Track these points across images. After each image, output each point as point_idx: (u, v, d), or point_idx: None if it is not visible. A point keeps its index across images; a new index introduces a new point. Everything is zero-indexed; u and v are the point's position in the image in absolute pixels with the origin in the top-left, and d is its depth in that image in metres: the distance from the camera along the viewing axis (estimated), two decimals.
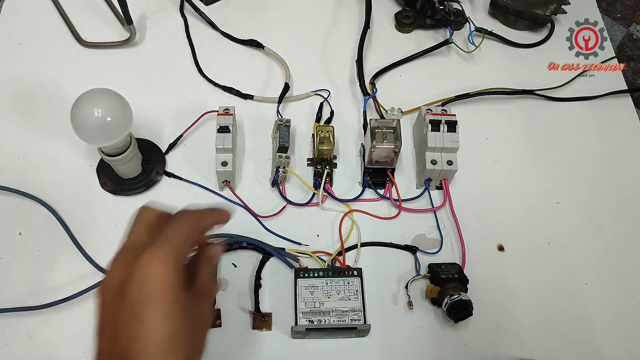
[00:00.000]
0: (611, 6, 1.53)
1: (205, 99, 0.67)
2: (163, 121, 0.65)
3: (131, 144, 0.56)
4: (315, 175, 0.62)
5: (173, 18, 0.75)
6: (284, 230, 0.59)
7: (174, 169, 0.62)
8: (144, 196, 0.60)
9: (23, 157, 0.62)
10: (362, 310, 0.53)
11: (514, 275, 0.58)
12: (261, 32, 0.73)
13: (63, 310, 0.52)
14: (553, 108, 0.71)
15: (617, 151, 0.68)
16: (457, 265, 0.57)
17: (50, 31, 0.72)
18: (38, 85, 0.67)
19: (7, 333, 0.52)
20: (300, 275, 0.54)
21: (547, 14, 0.75)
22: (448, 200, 0.61)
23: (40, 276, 0.55)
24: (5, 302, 0.53)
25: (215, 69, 0.70)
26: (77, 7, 0.74)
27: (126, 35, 0.71)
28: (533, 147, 0.67)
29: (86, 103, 0.51)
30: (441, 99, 0.68)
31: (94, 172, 0.61)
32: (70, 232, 0.57)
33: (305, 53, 0.73)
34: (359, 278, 0.54)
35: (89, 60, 0.70)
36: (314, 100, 0.69)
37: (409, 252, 0.59)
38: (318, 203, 0.61)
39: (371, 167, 0.61)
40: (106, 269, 0.34)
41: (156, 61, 0.71)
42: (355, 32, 0.75)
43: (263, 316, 0.54)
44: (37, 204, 0.58)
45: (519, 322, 0.56)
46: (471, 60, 0.74)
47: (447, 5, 0.74)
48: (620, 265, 0.59)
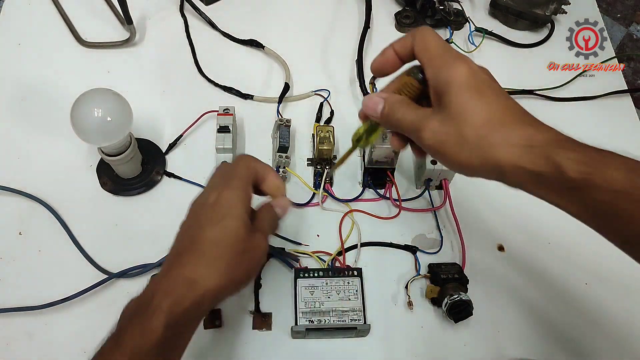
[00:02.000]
0: (611, 6, 1.53)
1: (205, 99, 0.67)
2: (163, 121, 0.65)
3: (131, 144, 0.56)
4: (315, 175, 0.62)
5: (173, 18, 0.75)
6: (284, 230, 0.59)
7: (174, 169, 0.62)
8: (144, 196, 0.60)
9: (23, 157, 0.62)
10: (362, 310, 0.53)
11: (514, 275, 0.58)
12: (261, 31, 0.73)
13: (63, 310, 0.52)
14: (553, 108, 0.71)
15: (617, 151, 0.68)
16: (457, 265, 0.57)
17: (50, 31, 0.72)
18: (38, 85, 0.67)
19: (7, 333, 0.52)
20: (300, 275, 0.54)
21: (547, 14, 0.75)
22: (448, 200, 0.61)
23: (40, 276, 0.55)
24: (5, 302, 0.53)
25: (215, 69, 0.70)
26: (77, 7, 0.74)
27: (126, 35, 0.71)
28: None
29: (86, 103, 0.51)
30: None
31: (94, 172, 0.61)
32: (70, 232, 0.57)
33: (306, 53, 0.73)
34: (359, 278, 0.54)
35: (89, 60, 0.70)
36: (314, 100, 0.69)
37: (409, 252, 0.59)
38: (318, 203, 0.61)
39: (371, 167, 0.61)
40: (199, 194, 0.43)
41: (156, 61, 0.71)
42: (356, 32, 0.75)
43: (263, 316, 0.54)
44: (37, 204, 0.58)
45: (519, 322, 0.56)
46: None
47: (447, 5, 0.74)
48: (620, 265, 0.59)
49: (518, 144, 0.33)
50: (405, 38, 0.39)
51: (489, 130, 0.34)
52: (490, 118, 0.34)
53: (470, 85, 0.35)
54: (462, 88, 0.35)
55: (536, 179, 0.33)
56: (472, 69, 0.36)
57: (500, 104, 0.35)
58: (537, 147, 0.33)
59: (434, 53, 0.37)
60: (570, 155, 0.32)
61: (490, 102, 0.35)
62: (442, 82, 0.36)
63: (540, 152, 0.33)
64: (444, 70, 0.36)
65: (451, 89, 0.35)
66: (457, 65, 0.36)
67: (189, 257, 0.39)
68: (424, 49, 0.38)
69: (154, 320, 0.35)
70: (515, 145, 0.33)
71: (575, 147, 0.33)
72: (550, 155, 0.32)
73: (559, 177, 0.32)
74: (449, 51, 0.37)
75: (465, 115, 0.35)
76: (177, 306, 0.36)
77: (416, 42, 0.38)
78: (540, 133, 0.34)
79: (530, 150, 0.33)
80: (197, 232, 0.40)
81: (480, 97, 0.35)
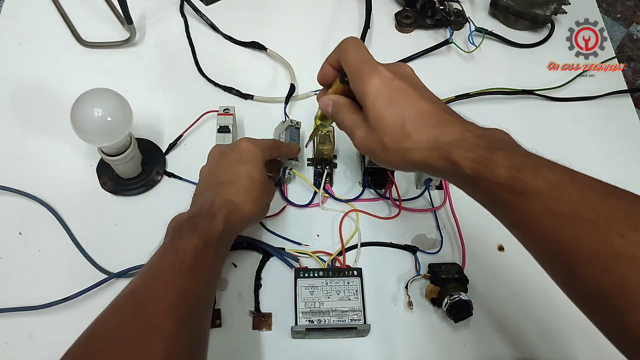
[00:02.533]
0: (611, 6, 1.53)
1: (205, 99, 0.67)
2: (163, 121, 0.66)
3: (131, 143, 0.56)
4: (315, 175, 0.62)
5: (173, 18, 0.75)
6: (284, 230, 0.59)
7: (174, 168, 0.62)
8: (144, 196, 0.60)
9: (23, 157, 0.62)
10: (362, 310, 0.53)
11: (514, 275, 0.58)
12: (261, 32, 0.73)
13: (63, 310, 0.52)
14: (553, 108, 0.71)
15: (617, 151, 0.68)
16: (457, 265, 0.57)
17: (51, 31, 0.72)
18: (38, 85, 0.67)
19: (7, 333, 0.52)
20: (300, 275, 0.54)
21: (547, 14, 0.75)
22: (448, 200, 0.61)
23: (40, 276, 0.55)
24: (5, 302, 0.53)
25: (215, 68, 0.70)
26: (77, 7, 0.74)
27: (126, 35, 0.71)
28: (533, 147, 0.66)
29: (86, 103, 0.51)
30: (441, 99, 0.68)
31: (94, 172, 0.61)
32: (70, 232, 0.57)
33: (306, 53, 0.73)
34: (359, 278, 0.54)
35: (89, 60, 0.70)
36: (314, 100, 0.69)
37: (409, 252, 0.59)
38: (318, 203, 0.61)
39: (371, 167, 0.61)
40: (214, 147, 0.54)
41: (156, 61, 0.71)
42: (356, 32, 0.75)
43: (263, 316, 0.54)
44: (37, 204, 0.58)
45: (519, 322, 0.56)
46: (471, 60, 0.74)
47: (447, 5, 0.74)
48: None
49: (426, 148, 0.39)
50: (334, 51, 0.45)
51: (402, 137, 0.39)
52: (403, 125, 0.39)
53: (382, 96, 0.40)
54: (376, 99, 0.40)
55: (444, 174, 0.40)
56: (385, 79, 0.40)
57: (412, 109, 0.40)
58: (441, 148, 0.39)
59: (352, 66, 0.42)
60: (466, 155, 0.38)
61: (402, 109, 0.40)
62: (360, 94, 0.41)
63: (442, 153, 0.38)
64: (359, 84, 0.41)
65: (367, 101, 0.41)
66: (370, 77, 0.40)
67: (231, 186, 0.48)
68: (345, 62, 0.43)
69: (218, 218, 0.45)
70: (424, 149, 0.39)
71: (472, 147, 0.38)
72: (449, 156, 0.38)
73: (458, 173, 0.38)
74: (366, 62, 0.41)
75: (382, 125, 0.40)
76: (230, 217, 0.46)
77: (340, 55, 0.43)
78: (445, 135, 0.39)
79: (435, 152, 0.39)
80: (233, 167, 0.50)
81: (393, 106, 0.40)
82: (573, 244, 0.34)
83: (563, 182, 0.35)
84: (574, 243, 0.33)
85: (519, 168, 0.36)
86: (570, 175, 0.36)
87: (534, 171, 0.36)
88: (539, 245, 0.37)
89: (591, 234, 0.33)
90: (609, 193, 0.35)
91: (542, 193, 0.35)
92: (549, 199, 0.35)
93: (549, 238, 0.35)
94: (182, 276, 0.41)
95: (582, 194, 0.34)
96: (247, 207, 0.48)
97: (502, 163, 0.37)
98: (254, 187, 0.49)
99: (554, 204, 0.34)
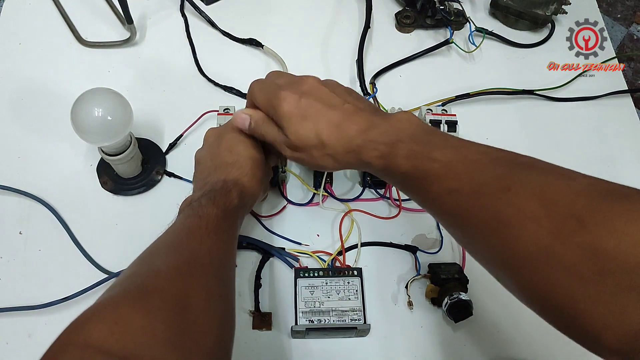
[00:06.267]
0: (611, 6, 1.53)
1: (205, 98, 0.67)
2: (163, 121, 0.65)
3: (131, 143, 0.56)
4: (315, 175, 0.62)
5: (173, 17, 0.75)
6: (284, 230, 0.59)
7: (174, 168, 0.62)
8: (144, 196, 0.60)
9: (23, 157, 0.62)
10: (362, 310, 0.53)
11: None
12: (262, 31, 0.73)
13: (63, 310, 0.52)
14: (553, 108, 0.71)
15: (617, 151, 0.68)
16: (457, 265, 0.57)
17: (51, 31, 0.72)
18: (38, 85, 0.67)
19: (7, 333, 0.52)
20: (300, 275, 0.54)
21: (547, 14, 0.75)
22: None
23: (40, 276, 0.55)
24: (5, 301, 0.53)
25: (215, 68, 0.70)
26: (77, 7, 0.74)
27: (126, 35, 0.71)
28: (533, 147, 0.67)
29: (86, 102, 0.51)
30: (441, 99, 0.68)
31: (94, 172, 0.61)
32: (71, 232, 0.57)
33: (306, 52, 0.73)
34: (359, 278, 0.54)
35: (89, 60, 0.70)
36: None
37: (409, 252, 0.59)
38: (318, 203, 0.61)
39: None
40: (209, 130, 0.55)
41: (156, 61, 0.71)
42: (356, 32, 0.75)
43: (263, 316, 0.54)
44: (37, 203, 0.58)
45: (519, 322, 0.56)
46: (471, 60, 0.74)
47: (447, 5, 0.74)
48: None
49: (343, 152, 0.43)
50: (248, 100, 0.51)
51: (322, 147, 0.44)
52: (319, 137, 0.43)
53: (295, 116, 0.44)
54: (290, 121, 0.44)
55: (368, 171, 0.46)
56: (293, 101, 0.44)
57: (322, 120, 0.44)
58: (354, 150, 0.43)
59: (263, 105, 0.48)
60: (372, 154, 0.42)
61: (315, 122, 0.44)
62: (278, 121, 0.46)
63: (356, 155, 0.43)
64: (274, 115, 0.46)
65: (284, 123, 0.45)
66: (279, 106, 0.45)
67: (239, 167, 0.49)
68: (258, 104, 0.48)
69: (233, 192, 0.47)
70: (342, 153, 0.43)
71: (377, 145, 0.42)
72: (361, 157, 0.43)
73: (370, 167, 0.43)
74: (271, 95, 0.46)
75: (304, 142, 0.44)
76: (242, 194, 0.48)
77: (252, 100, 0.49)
78: (355, 139, 0.43)
79: (351, 155, 0.43)
80: (235, 148, 0.50)
81: (306, 122, 0.44)
82: (466, 215, 0.37)
83: (452, 160, 0.39)
84: (465, 214, 0.37)
85: (415, 156, 0.40)
86: (460, 152, 0.39)
87: (428, 156, 0.39)
88: (445, 221, 0.42)
89: (476, 203, 0.37)
90: (493, 161, 0.38)
91: (437, 174, 0.39)
92: (443, 179, 0.38)
93: (449, 213, 0.40)
94: (209, 237, 0.42)
95: (468, 168, 0.38)
96: (255, 187, 0.50)
97: (401, 154, 0.40)
98: (259, 167, 0.51)
99: (448, 182, 0.38)
